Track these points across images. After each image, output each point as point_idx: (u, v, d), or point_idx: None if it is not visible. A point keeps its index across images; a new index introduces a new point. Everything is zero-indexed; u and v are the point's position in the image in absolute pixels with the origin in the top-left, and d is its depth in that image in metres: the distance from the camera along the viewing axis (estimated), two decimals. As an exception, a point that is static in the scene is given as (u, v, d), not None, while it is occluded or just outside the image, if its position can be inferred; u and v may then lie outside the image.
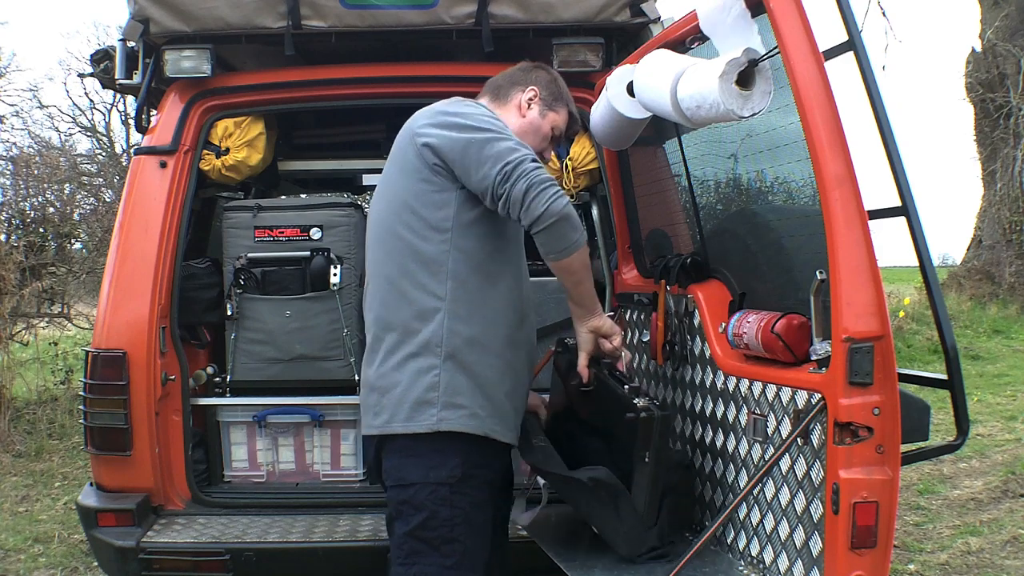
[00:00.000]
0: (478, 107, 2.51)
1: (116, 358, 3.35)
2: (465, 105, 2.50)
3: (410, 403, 2.39)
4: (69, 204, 9.29)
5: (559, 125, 2.69)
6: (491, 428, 2.41)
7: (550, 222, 2.27)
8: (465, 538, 2.38)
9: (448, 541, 2.37)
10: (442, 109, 2.49)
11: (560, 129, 2.71)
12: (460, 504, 2.37)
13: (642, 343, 3.16)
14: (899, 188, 2.03)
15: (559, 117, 2.69)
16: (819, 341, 2.14)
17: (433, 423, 2.36)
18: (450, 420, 2.37)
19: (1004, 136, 14.63)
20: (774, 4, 2.10)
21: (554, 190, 2.28)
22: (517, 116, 2.64)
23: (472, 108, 2.48)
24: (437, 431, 2.36)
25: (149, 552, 3.18)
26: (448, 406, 2.37)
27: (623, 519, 2.40)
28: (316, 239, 3.77)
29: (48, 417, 7.49)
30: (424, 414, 2.37)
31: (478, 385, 2.39)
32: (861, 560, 2.01)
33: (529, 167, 2.29)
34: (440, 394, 2.37)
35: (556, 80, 2.71)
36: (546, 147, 2.71)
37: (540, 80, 2.69)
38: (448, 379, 2.37)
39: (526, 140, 2.54)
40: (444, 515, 2.37)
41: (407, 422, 2.39)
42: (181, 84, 3.59)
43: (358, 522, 3.40)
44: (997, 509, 5.29)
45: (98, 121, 24.64)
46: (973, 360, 10.37)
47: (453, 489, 2.37)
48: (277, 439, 3.79)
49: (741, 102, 2.17)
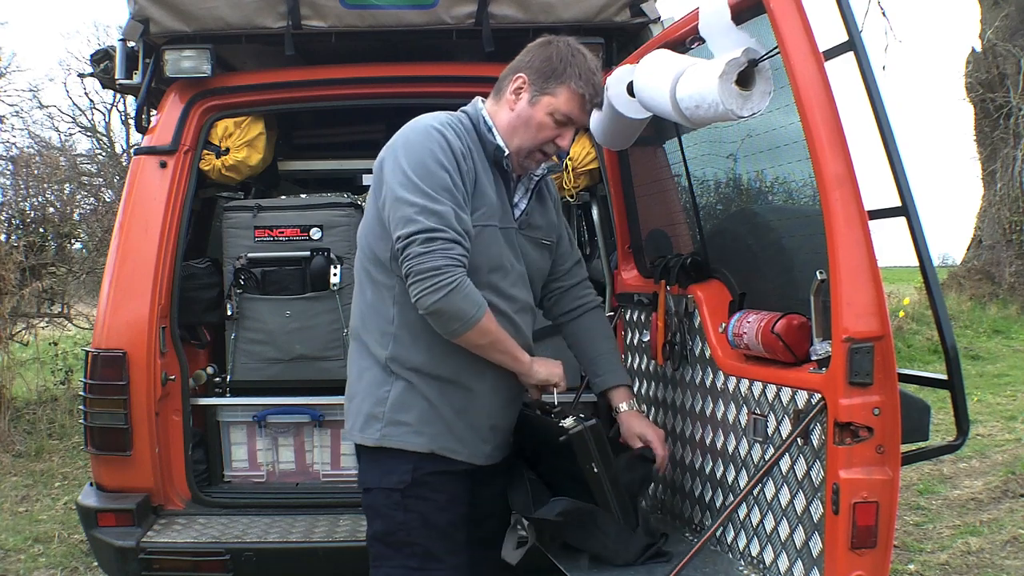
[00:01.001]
0: (429, 136, 2.32)
1: (116, 358, 3.35)
2: (418, 132, 2.35)
3: (364, 415, 2.43)
4: (69, 204, 9.30)
5: (560, 108, 2.39)
6: (440, 445, 2.39)
7: (425, 311, 2.26)
8: (424, 540, 2.39)
9: (407, 544, 2.39)
10: (402, 135, 2.37)
11: (564, 113, 2.40)
12: (415, 508, 2.38)
13: (642, 343, 3.16)
14: (899, 188, 2.03)
15: (556, 100, 2.39)
16: (819, 341, 2.14)
17: (377, 438, 2.40)
18: (392, 437, 2.39)
19: (1004, 136, 14.63)
20: (774, 4, 2.10)
21: (429, 284, 2.20)
22: (507, 111, 2.45)
23: (420, 140, 2.32)
24: (380, 446, 2.40)
25: (149, 552, 3.18)
26: (392, 423, 2.39)
27: (607, 532, 2.42)
28: (316, 239, 3.78)
29: (48, 417, 7.49)
30: (371, 428, 2.41)
31: (428, 406, 2.39)
32: (861, 560, 2.01)
33: (414, 251, 2.20)
34: (386, 410, 2.39)
35: (552, 56, 2.41)
36: (548, 137, 2.42)
37: (532, 62, 2.43)
38: (396, 396, 2.39)
39: (517, 136, 2.43)
40: (398, 519, 2.39)
41: (361, 432, 2.44)
42: (181, 84, 3.59)
43: (358, 522, 3.40)
44: (997, 509, 5.29)
45: (98, 121, 24.70)
46: (973, 360, 10.38)
47: (405, 494, 2.38)
48: (277, 439, 3.79)
49: (741, 102, 2.17)
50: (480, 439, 2.47)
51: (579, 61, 2.41)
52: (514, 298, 2.47)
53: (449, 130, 2.36)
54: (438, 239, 2.21)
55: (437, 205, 2.24)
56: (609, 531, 2.42)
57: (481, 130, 2.45)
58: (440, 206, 2.24)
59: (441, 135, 2.33)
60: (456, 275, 2.22)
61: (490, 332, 2.33)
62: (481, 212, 2.37)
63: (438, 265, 2.20)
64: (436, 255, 2.20)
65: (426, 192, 2.25)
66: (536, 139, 2.43)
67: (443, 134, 2.33)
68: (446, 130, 2.35)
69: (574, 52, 2.42)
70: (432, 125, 2.35)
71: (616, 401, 2.65)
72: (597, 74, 2.44)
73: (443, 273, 2.20)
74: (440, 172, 2.28)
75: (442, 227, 2.22)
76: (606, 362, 2.69)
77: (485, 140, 2.44)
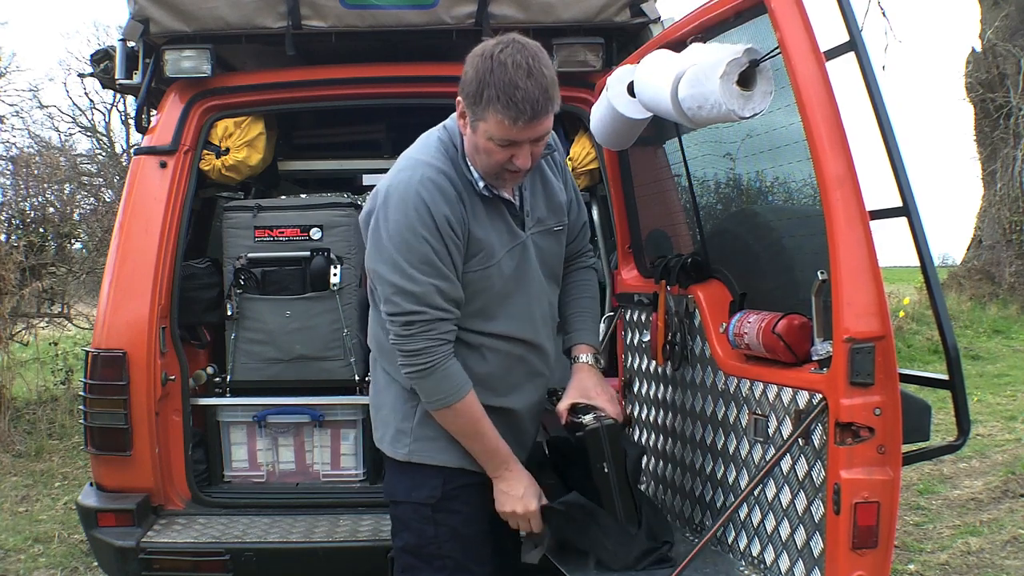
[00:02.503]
0: (413, 204, 2.20)
1: (116, 358, 3.35)
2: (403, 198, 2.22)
3: (392, 428, 2.43)
4: (69, 204, 9.30)
5: (495, 133, 2.14)
6: (469, 461, 2.39)
7: (412, 382, 2.30)
8: (454, 552, 2.38)
9: (437, 557, 2.39)
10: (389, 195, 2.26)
11: (500, 137, 2.15)
12: (445, 522, 2.38)
13: (642, 343, 3.16)
14: (900, 188, 2.03)
15: (488, 125, 2.14)
16: (820, 341, 2.14)
17: (405, 453, 2.40)
18: (421, 453, 2.38)
19: (1004, 136, 14.63)
20: (775, 4, 2.10)
21: (409, 363, 2.25)
22: (466, 136, 2.27)
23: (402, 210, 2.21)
24: (410, 461, 2.39)
25: (149, 552, 3.18)
26: (420, 438, 2.38)
27: (607, 533, 2.41)
28: (316, 239, 3.77)
29: (48, 417, 7.49)
30: (400, 443, 2.41)
31: None
32: (862, 560, 2.00)
33: (396, 331, 2.25)
34: (413, 425, 2.39)
35: (475, 75, 2.13)
36: (502, 161, 2.20)
37: (464, 83, 2.19)
38: (423, 411, 2.37)
39: (479, 162, 2.27)
40: (429, 533, 2.38)
41: (391, 446, 2.44)
42: (181, 84, 3.59)
43: (358, 522, 3.40)
44: (997, 509, 5.29)
45: (98, 121, 24.70)
46: (973, 360, 10.37)
47: (435, 508, 2.37)
48: (277, 439, 3.79)
49: (742, 102, 2.17)
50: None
51: (497, 77, 2.09)
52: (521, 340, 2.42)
53: (434, 191, 2.23)
54: (416, 322, 2.23)
55: (414, 286, 2.21)
56: (609, 532, 2.41)
57: (457, 156, 2.33)
58: (417, 287, 2.21)
59: (423, 203, 2.21)
60: (434, 356, 2.25)
61: (466, 416, 2.31)
62: (478, 257, 2.31)
63: (418, 348, 2.24)
64: (416, 338, 2.24)
65: (403, 271, 2.22)
66: (492, 163, 2.23)
67: (425, 202, 2.21)
68: (432, 192, 2.23)
69: (494, 66, 2.11)
70: (418, 190, 2.22)
71: (576, 352, 2.59)
72: (520, 86, 2.08)
73: (422, 355, 2.25)
74: (421, 246, 2.21)
75: (420, 308, 2.22)
76: (580, 320, 2.64)
77: (458, 169, 2.31)
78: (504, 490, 2.37)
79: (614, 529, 2.40)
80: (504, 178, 2.29)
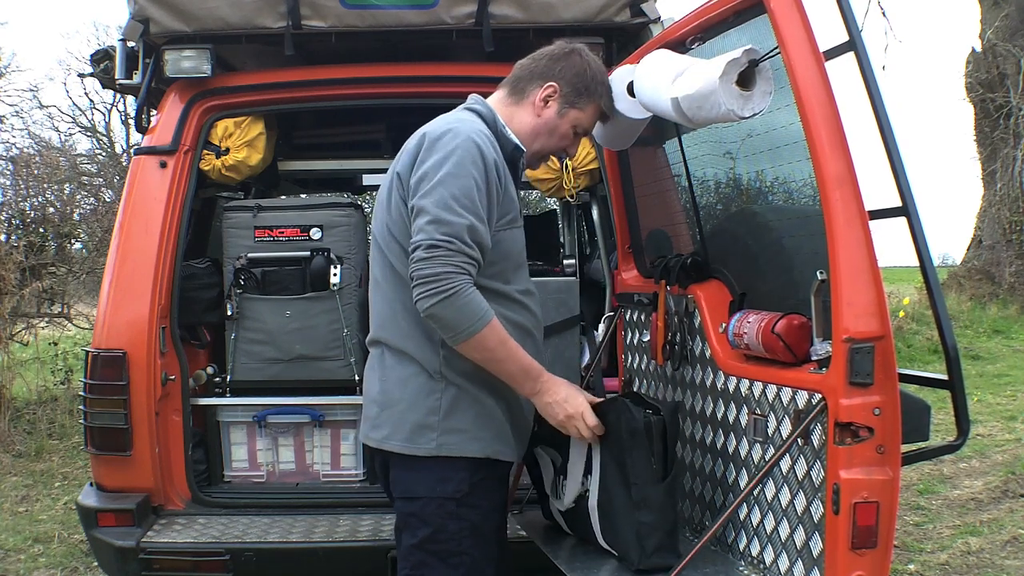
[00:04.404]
0: (467, 148, 2.28)
1: (116, 358, 3.35)
2: (457, 141, 2.29)
3: (410, 424, 2.37)
4: (69, 204, 9.30)
5: (583, 123, 2.53)
6: (494, 450, 2.40)
7: (424, 316, 2.23)
8: (472, 549, 2.37)
9: (455, 554, 2.37)
10: (441, 141, 2.31)
11: (584, 127, 2.55)
12: (468, 517, 2.36)
13: (642, 343, 3.16)
14: (899, 188, 2.03)
15: (583, 115, 2.52)
16: (820, 341, 2.14)
17: (433, 448, 2.35)
18: (450, 445, 2.35)
19: (1004, 136, 14.63)
20: (774, 4, 2.10)
21: (426, 288, 2.19)
22: (532, 115, 2.48)
23: (457, 151, 2.27)
24: (437, 455, 2.36)
25: (149, 552, 3.18)
26: (448, 431, 2.35)
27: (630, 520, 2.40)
28: (316, 239, 3.77)
29: (48, 417, 7.49)
30: (424, 438, 2.36)
31: (479, 410, 2.38)
32: (862, 560, 2.00)
33: (418, 255, 2.20)
34: (440, 418, 2.35)
35: (586, 71, 2.49)
36: (566, 145, 2.56)
37: (564, 73, 2.48)
38: (449, 403, 2.35)
39: (539, 141, 2.49)
40: (452, 529, 2.36)
41: (406, 443, 2.38)
42: (181, 84, 3.59)
43: (358, 522, 3.40)
44: (997, 509, 5.29)
45: (98, 121, 24.71)
46: (973, 360, 10.38)
47: (460, 503, 2.35)
48: (277, 439, 3.79)
49: (742, 102, 2.17)
50: (522, 438, 2.51)
51: (604, 78, 2.55)
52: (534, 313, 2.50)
53: (486, 140, 2.34)
54: (441, 248, 2.20)
55: (451, 216, 2.21)
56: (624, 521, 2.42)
57: (498, 130, 2.44)
58: (454, 217, 2.22)
59: (475, 145, 2.29)
60: (455, 282, 2.19)
61: (494, 339, 2.27)
62: (509, 217, 2.38)
63: (439, 272, 2.18)
64: (437, 262, 2.19)
65: (444, 202, 2.22)
66: (555, 146, 2.55)
67: (477, 144, 2.30)
68: (484, 140, 2.33)
69: (597, 68, 2.53)
70: (470, 135, 2.31)
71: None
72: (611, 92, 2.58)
73: (444, 279, 2.18)
74: (467, 181, 2.25)
75: (448, 239, 2.20)
76: None
77: (503, 140, 2.44)
78: (548, 401, 2.36)
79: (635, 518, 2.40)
80: (545, 160, 2.66)
